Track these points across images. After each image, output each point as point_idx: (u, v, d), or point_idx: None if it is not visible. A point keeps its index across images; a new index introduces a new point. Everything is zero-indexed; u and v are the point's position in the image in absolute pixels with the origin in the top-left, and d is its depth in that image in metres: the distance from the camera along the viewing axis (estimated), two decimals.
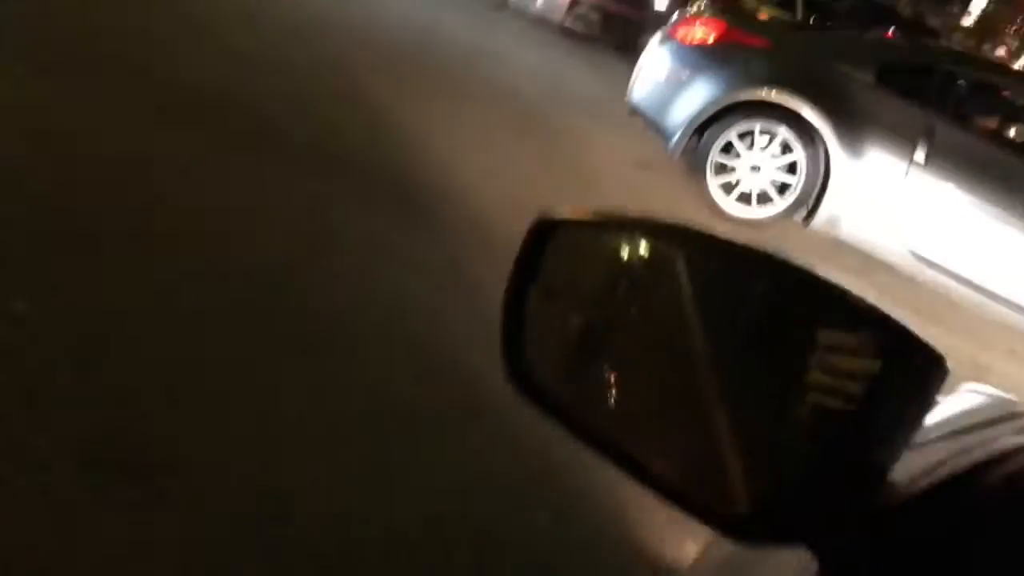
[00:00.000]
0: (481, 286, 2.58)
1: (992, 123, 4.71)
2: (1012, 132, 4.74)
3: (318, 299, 2.33)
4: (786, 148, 4.29)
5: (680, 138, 4.40)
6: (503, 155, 4.16)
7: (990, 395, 1.55)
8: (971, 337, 4.42)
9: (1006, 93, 4.76)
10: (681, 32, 4.61)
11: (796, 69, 4.34)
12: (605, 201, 4.12)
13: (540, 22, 7.52)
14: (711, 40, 4.45)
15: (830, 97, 4.19)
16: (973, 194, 4.07)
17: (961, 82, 4.39)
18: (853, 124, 4.15)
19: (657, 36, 4.88)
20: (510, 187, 3.70)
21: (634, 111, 4.89)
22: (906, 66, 4.43)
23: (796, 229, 4.57)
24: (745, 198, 4.43)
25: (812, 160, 4.23)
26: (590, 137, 5.14)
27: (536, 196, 3.69)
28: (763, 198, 4.42)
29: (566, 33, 7.57)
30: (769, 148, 4.33)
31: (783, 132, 4.27)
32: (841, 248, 4.66)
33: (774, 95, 4.23)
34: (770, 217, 4.44)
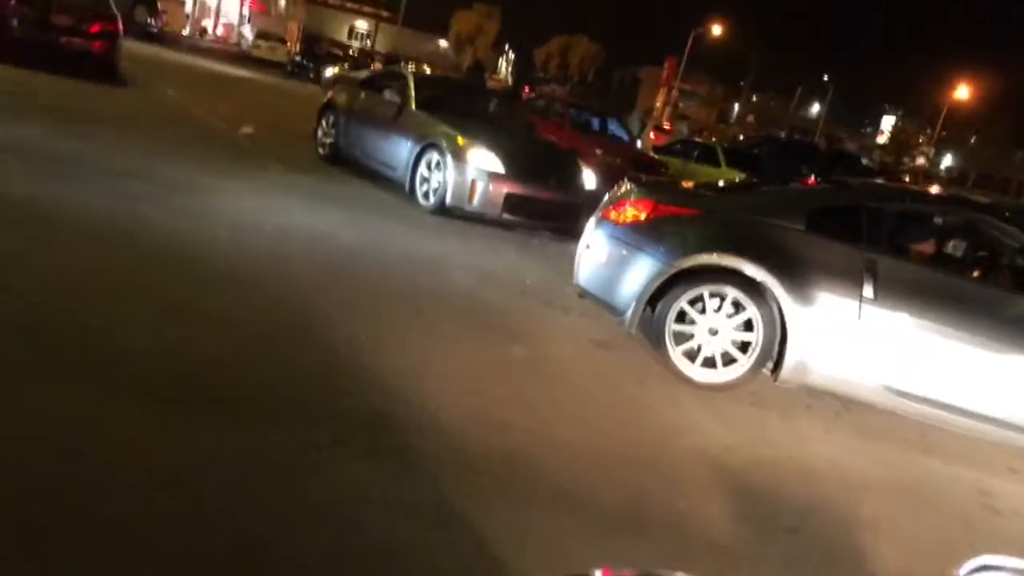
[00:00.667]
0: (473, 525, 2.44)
1: (926, 247, 4.84)
2: (948, 251, 4.83)
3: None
4: (739, 307, 4.37)
5: (632, 314, 4.50)
6: (465, 357, 4.13)
7: (1009, 568, 1.48)
8: (969, 463, 4.34)
9: (930, 216, 4.93)
10: (613, 214, 4.79)
11: (730, 230, 4.49)
12: (575, 390, 4.07)
13: (478, 220, 7.77)
14: (644, 218, 4.63)
15: (767, 251, 4.31)
16: (928, 319, 4.14)
17: (888, 214, 4.59)
18: (795, 273, 4.25)
19: (592, 219, 5.05)
20: (476, 392, 3.64)
21: (583, 293, 5.01)
22: (832, 209, 4.58)
23: (768, 383, 4.54)
24: (709, 362, 4.47)
25: (765, 314, 4.31)
26: (547, 323, 5.17)
27: (505, 400, 3.64)
28: (727, 359, 4.45)
29: (506, 226, 7.80)
30: (722, 310, 4.41)
31: (731, 292, 4.37)
32: (816, 395, 4.62)
33: (714, 258, 4.35)
34: (738, 377, 4.46)
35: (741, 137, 37.34)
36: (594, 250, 4.83)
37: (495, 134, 8.25)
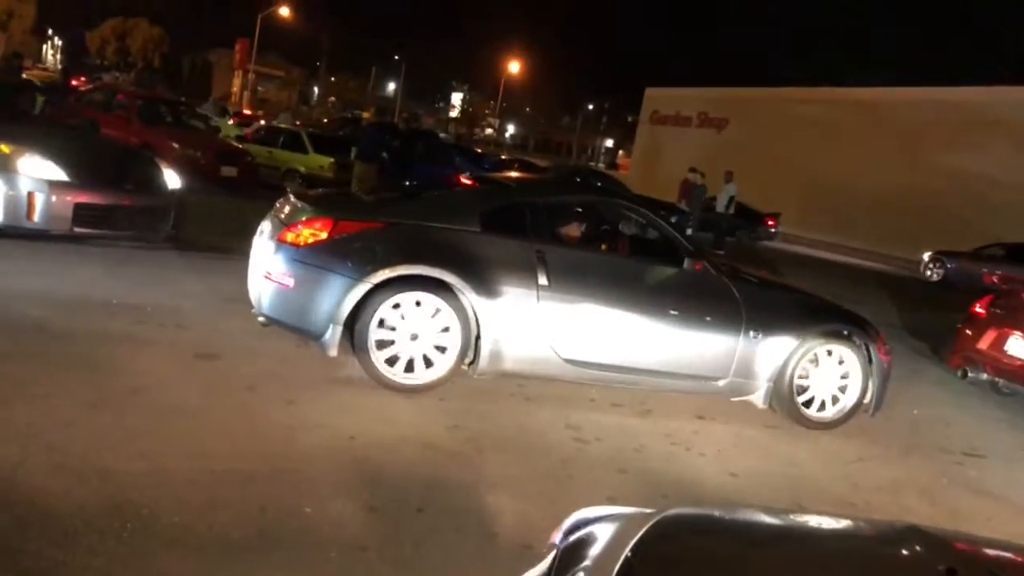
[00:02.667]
0: None
1: (577, 232, 5.40)
2: (592, 233, 5.48)
3: None
4: (436, 310, 4.53)
5: (332, 336, 4.41)
6: (46, 402, 3.59)
7: (600, 518, 1.69)
8: (560, 404, 4.91)
9: (574, 205, 5.60)
10: (291, 236, 4.54)
11: (415, 240, 4.59)
12: (183, 413, 3.77)
13: (45, 238, 6.68)
14: (325, 237, 4.47)
15: (451, 255, 4.52)
16: (589, 295, 4.75)
17: (544, 208, 5.04)
18: (480, 272, 4.53)
19: (268, 245, 4.71)
20: (63, 442, 3.19)
21: (269, 322, 4.71)
22: (500, 208, 4.90)
23: (466, 378, 4.80)
24: (410, 366, 4.57)
25: (460, 314, 4.53)
26: (144, 344, 4.69)
27: (103, 443, 3.24)
28: (428, 362, 4.60)
29: (81, 239, 6.86)
30: (421, 315, 4.52)
31: (426, 297, 4.49)
32: (508, 379, 4.93)
33: (405, 269, 4.42)
34: (441, 376, 4.62)
35: (325, 120, 37.57)
36: (277, 277, 4.53)
37: (50, 136, 7.21)
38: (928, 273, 18.75)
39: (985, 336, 6.78)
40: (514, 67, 56.78)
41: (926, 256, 19.14)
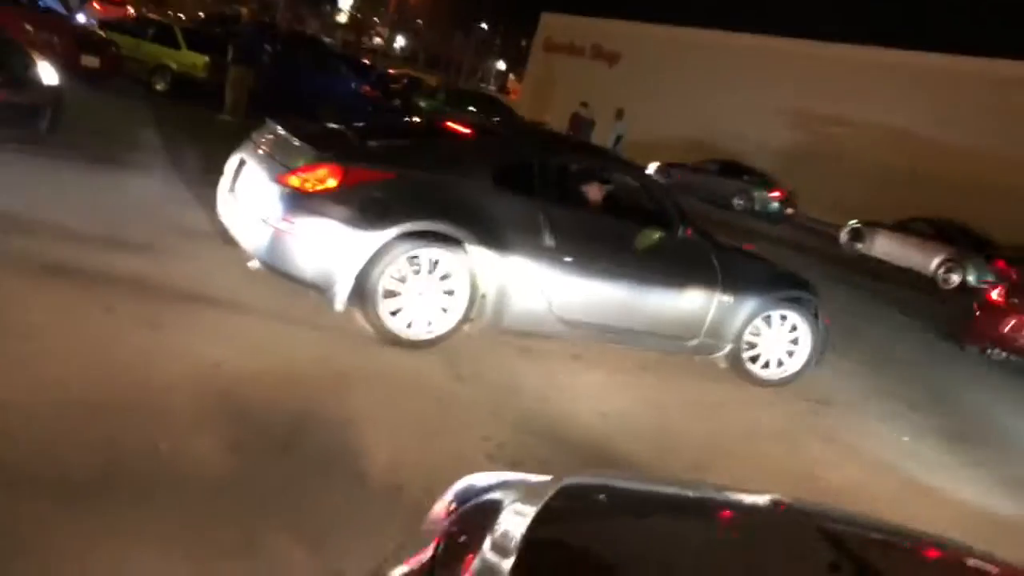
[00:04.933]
0: None
1: (582, 195, 5.32)
2: (595, 197, 5.38)
3: None
4: (441, 265, 4.46)
5: (341, 290, 4.25)
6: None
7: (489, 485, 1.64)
8: (440, 351, 4.82)
9: (587, 167, 5.54)
10: (296, 180, 4.18)
11: (429, 193, 4.43)
12: (28, 340, 3.44)
13: None
14: (335, 186, 4.17)
15: (464, 210, 4.45)
16: (594, 260, 4.81)
17: (552, 168, 5.01)
18: (490, 229, 4.48)
19: (266, 187, 4.32)
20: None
21: (269, 270, 4.38)
22: (512, 166, 4.80)
23: (465, 336, 4.74)
24: (414, 321, 4.51)
25: (468, 270, 4.48)
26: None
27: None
28: (433, 317, 4.55)
29: None
30: (430, 269, 4.43)
31: (437, 253, 4.39)
32: (510, 335, 4.94)
33: (420, 225, 4.29)
34: (447, 331, 4.60)
35: (202, 15, 35.05)
36: (279, 224, 4.17)
37: None
38: (858, 246, 17.39)
39: (1005, 322, 8.25)
40: None
41: (848, 227, 17.83)
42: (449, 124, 5.50)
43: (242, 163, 4.76)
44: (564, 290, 4.76)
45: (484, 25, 73.15)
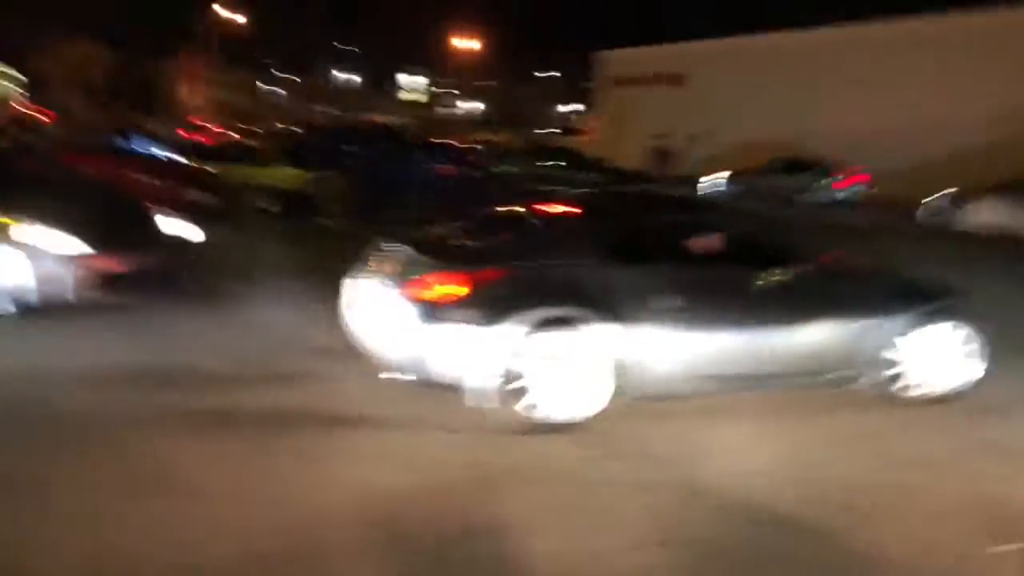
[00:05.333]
0: None
1: (703, 247, 5.21)
2: (719, 249, 5.26)
3: None
4: (583, 347, 4.52)
5: (487, 387, 4.42)
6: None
7: None
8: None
9: (694, 221, 5.53)
10: (424, 292, 4.51)
11: (551, 280, 4.65)
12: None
13: (68, 312, 6.27)
14: (459, 290, 4.47)
15: (587, 290, 4.58)
16: (725, 310, 4.82)
17: (660, 230, 5.14)
18: (615, 303, 4.55)
19: (395, 301, 4.62)
20: None
21: (403, 376, 4.63)
22: (621, 236, 4.95)
23: (623, 408, 4.75)
24: (564, 403, 4.55)
25: (602, 347, 4.52)
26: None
27: None
28: (575, 398, 4.58)
29: (91, 308, 6.42)
30: (566, 353, 4.51)
31: (570, 336, 4.48)
32: (678, 403, 4.95)
33: (549, 312, 4.44)
34: (591, 411, 4.60)
35: (279, 125, 36.94)
36: (415, 335, 4.47)
37: (35, 194, 6.86)
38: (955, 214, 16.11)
39: None
40: (468, 44, 56.25)
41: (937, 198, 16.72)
42: (551, 207, 5.67)
43: (364, 279, 5.06)
44: (698, 347, 4.75)
45: (552, 74, 74.37)
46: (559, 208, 5.59)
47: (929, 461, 4.56)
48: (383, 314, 4.73)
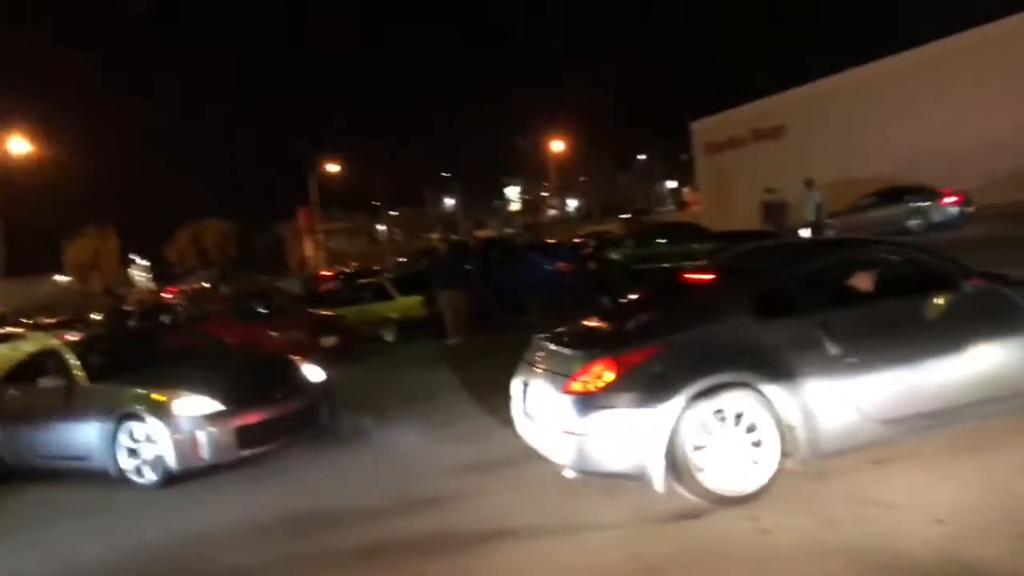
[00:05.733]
0: None
1: (858, 286, 5.03)
2: (861, 287, 5.05)
3: None
4: (740, 416, 4.36)
5: (657, 470, 4.25)
6: None
7: None
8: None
9: (840, 262, 5.21)
10: (579, 385, 4.42)
11: (701, 350, 4.45)
12: None
13: (219, 471, 6.63)
14: (615, 377, 4.33)
15: (739, 354, 4.40)
16: (888, 349, 4.52)
17: (804, 277, 4.86)
18: (771, 362, 4.36)
19: (555, 399, 4.57)
20: None
21: (580, 473, 4.57)
22: (763, 293, 4.72)
23: (799, 473, 4.51)
24: (735, 474, 4.35)
25: (766, 410, 4.33)
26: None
27: None
28: (748, 466, 4.39)
29: (252, 462, 6.73)
30: (729, 423, 4.34)
31: (730, 403, 4.32)
32: (847, 455, 4.58)
33: (705, 383, 4.27)
34: (769, 477, 4.38)
35: (398, 259, 38.54)
36: (580, 429, 4.38)
37: (188, 368, 7.44)
38: None
39: None
40: (558, 145, 57.68)
41: None
42: (689, 277, 5.61)
43: (526, 384, 5.04)
44: (870, 392, 4.45)
45: (641, 156, 74.98)
46: (697, 276, 5.50)
47: None
48: (548, 415, 4.68)
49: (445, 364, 10.97)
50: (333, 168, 51.81)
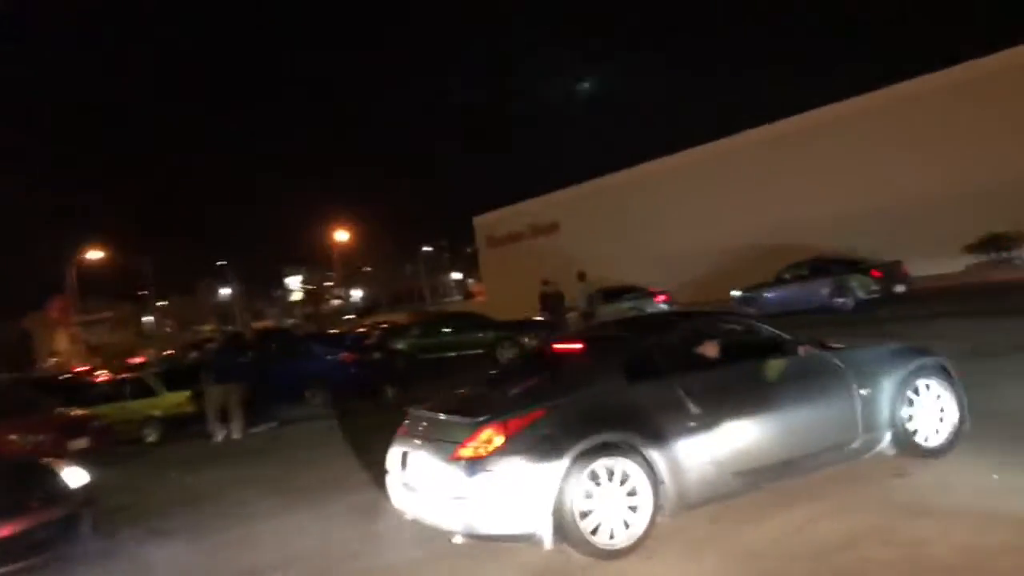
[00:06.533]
0: None
1: (707, 353, 5.43)
2: (710, 353, 5.44)
3: None
4: (623, 474, 4.54)
5: (546, 528, 4.36)
6: None
7: None
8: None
9: (693, 331, 5.71)
10: (468, 451, 4.50)
11: (583, 412, 4.64)
12: None
13: None
14: (504, 441, 4.45)
15: (618, 415, 4.66)
16: (739, 408, 4.92)
17: (665, 345, 5.31)
18: (644, 422, 4.65)
19: (442, 468, 4.61)
20: None
21: (470, 538, 4.59)
22: (632, 359, 5.07)
23: (673, 526, 4.70)
24: (612, 532, 4.49)
25: (642, 468, 4.55)
26: None
27: None
28: (626, 523, 4.54)
29: None
30: (610, 479, 4.51)
31: (611, 462, 4.50)
32: (690, 515, 4.75)
33: (588, 443, 4.45)
34: (643, 532, 4.54)
35: (165, 352, 35.89)
36: (469, 493, 4.42)
37: None
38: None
39: None
40: (342, 235, 57.16)
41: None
42: (559, 348, 5.97)
43: (405, 455, 5.04)
44: (726, 448, 4.81)
45: (428, 248, 76.26)
46: (567, 346, 5.88)
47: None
48: (433, 482, 4.70)
49: (216, 464, 10.17)
50: (95, 255, 47.71)
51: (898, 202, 24.21)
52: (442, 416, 4.95)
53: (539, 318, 18.84)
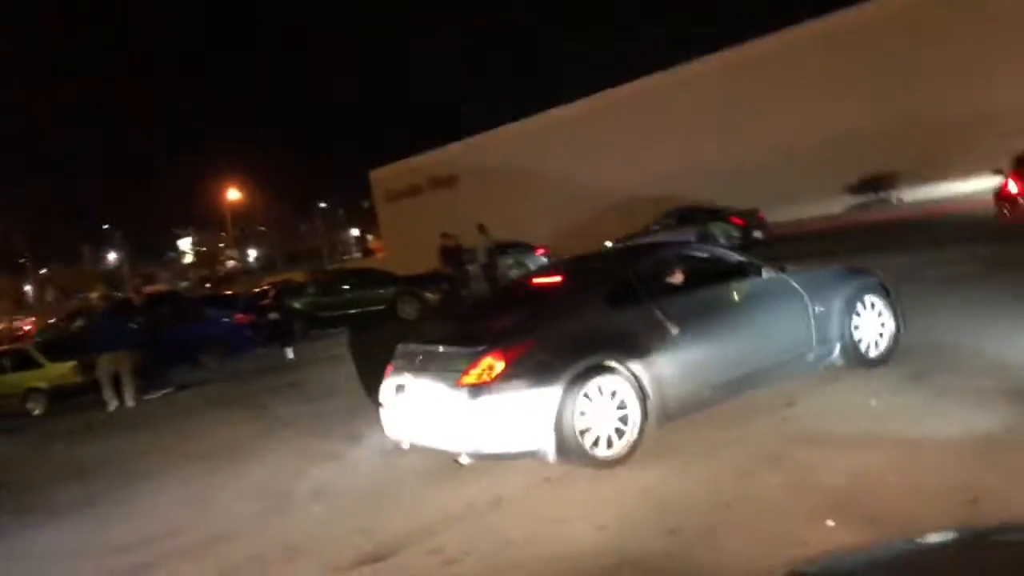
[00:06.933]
0: None
1: (674, 280, 5.82)
2: (682, 277, 5.84)
3: None
4: (614, 392, 4.92)
5: (549, 444, 4.70)
6: None
7: None
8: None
9: (664, 260, 6.06)
10: (472, 377, 4.77)
11: (574, 337, 5.04)
12: None
13: None
14: (505, 366, 4.76)
15: (606, 339, 5.05)
16: (713, 327, 5.42)
17: (643, 272, 5.65)
18: (629, 344, 5.05)
19: (449, 393, 4.88)
20: None
21: (477, 457, 4.93)
22: (615, 287, 5.46)
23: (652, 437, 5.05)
24: (608, 442, 4.87)
25: (630, 385, 4.95)
26: None
27: None
28: (619, 433, 4.93)
29: None
30: (604, 396, 4.88)
31: (603, 381, 4.88)
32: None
33: (583, 364, 4.83)
34: (632, 445, 4.94)
35: (54, 320, 34.04)
36: (476, 415, 4.74)
37: None
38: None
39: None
40: (234, 194, 55.12)
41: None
42: (543, 280, 6.45)
43: (400, 387, 5.31)
44: (703, 363, 5.28)
45: (323, 204, 74.46)
46: (546, 280, 6.34)
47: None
48: (436, 408, 4.97)
49: (106, 435, 9.83)
50: None
51: (780, 149, 25.22)
52: (440, 348, 5.26)
53: (440, 272, 18.83)
